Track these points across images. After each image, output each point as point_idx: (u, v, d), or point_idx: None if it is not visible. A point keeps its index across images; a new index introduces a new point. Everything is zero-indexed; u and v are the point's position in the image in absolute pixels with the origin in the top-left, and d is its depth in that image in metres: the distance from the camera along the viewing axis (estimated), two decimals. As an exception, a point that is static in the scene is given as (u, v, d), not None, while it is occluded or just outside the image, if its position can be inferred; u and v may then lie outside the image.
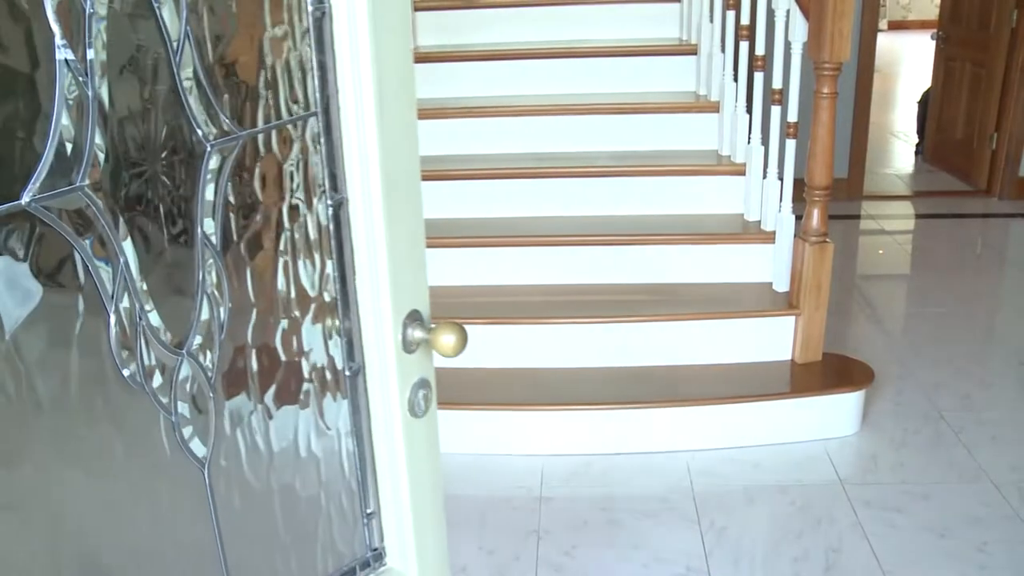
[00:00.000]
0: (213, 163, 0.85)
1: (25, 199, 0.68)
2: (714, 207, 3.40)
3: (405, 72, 0.97)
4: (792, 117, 2.98)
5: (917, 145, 6.89)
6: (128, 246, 0.77)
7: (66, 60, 0.69)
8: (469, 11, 3.97)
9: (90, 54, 0.71)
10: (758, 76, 3.23)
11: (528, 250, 3.23)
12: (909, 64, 11.58)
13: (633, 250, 3.21)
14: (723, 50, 3.46)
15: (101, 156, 0.73)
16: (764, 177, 3.23)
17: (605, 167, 3.40)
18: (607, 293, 3.18)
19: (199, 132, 0.83)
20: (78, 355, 0.75)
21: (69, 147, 0.71)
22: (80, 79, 0.71)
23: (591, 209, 3.40)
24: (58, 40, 0.69)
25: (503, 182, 3.41)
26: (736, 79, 3.36)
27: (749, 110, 3.31)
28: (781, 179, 3.12)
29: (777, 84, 3.09)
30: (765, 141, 3.23)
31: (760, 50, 3.22)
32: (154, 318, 0.82)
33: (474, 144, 3.57)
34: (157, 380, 0.83)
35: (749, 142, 3.29)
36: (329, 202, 0.98)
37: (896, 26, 14.68)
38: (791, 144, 3.02)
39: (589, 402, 2.88)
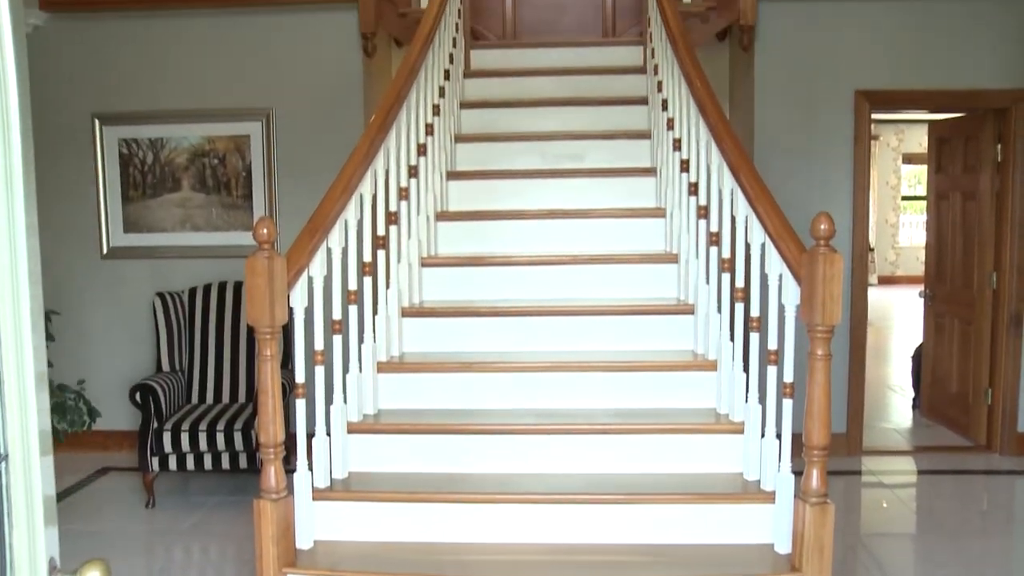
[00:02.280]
0: None
1: None
2: (713, 466, 3.39)
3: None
4: (788, 378, 3.03)
5: (914, 399, 6.95)
6: None
7: None
8: (474, 268, 4.13)
9: None
10: (754, 336, 3.31)
11: (524, 507, 3.19)
12: (901, 317, 11.87)
13: (631, 509, 3.16)
14: (719, 311, 3.57)
15: None
16: (762, 436, 3.23)
17: (604, 425, 3.41)
18: (604, 553, 3.10)
19: None
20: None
21: None
22: None
23: (589, 467, 3.39)
24: None
25: (502, 438, 3.41)
26: (732, 338, 3.44)
27: (746, 369, 3.37)
28: (779, 437, 3.13)
29: (772, 345, 3.17)
30: (762, 400, 3.26)
31: (755, 311, 3.33)
32: None
33: (475, 399, 3.60)
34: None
35: (747, 401, 3.33)
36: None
37: (886, 281, 15.20)
38: (788, 403, 3.05)
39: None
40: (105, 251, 5.80)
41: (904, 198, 15.85)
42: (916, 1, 5.44)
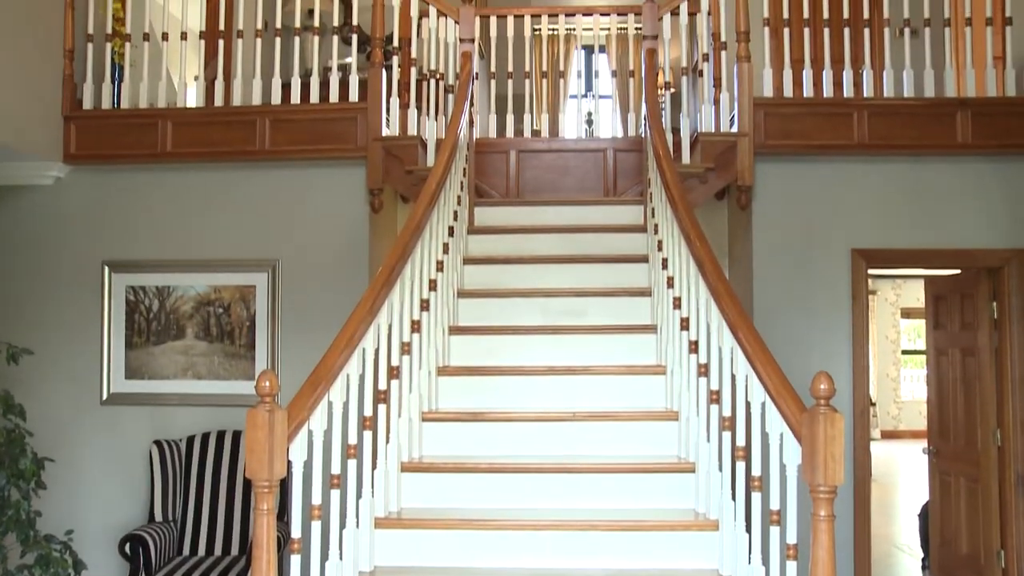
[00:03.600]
0: None
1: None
2: (718, 631, 3.29)
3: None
4: (791, 539, 2.98)
5: (923, 559, 6.79)
6: None
7: None
8: (474, 424, 4.13)
9: None
10: (756, 495, 3.27)
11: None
12: (906, 473, 11.71)
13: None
14: (720, 469, 3.55)
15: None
16: (768, 600, 3.16)
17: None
18: None
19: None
20: None
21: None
22: None
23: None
24: None
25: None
26: (734, 497, 3.40)
27: (748, 529, 3.32)
28: (785, 602, 3.05)
29: (775, 505, 3.13)
30: (766, 562, 3.20)
31: (757, 470, 3.30)
32: None
33: (474, 557, 3.54)
34: None
35: (750, 562, 3.26)
36: None
37: (889, 435, 15.06)
38: (792, 566, 2.98)
39: None
40: (105, 397, 5.79)
41: (904, 352, 15.90)
42: (907, 163, 5.61)
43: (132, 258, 5.84)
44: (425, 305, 4.14)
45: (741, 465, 3.36)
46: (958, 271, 6.27)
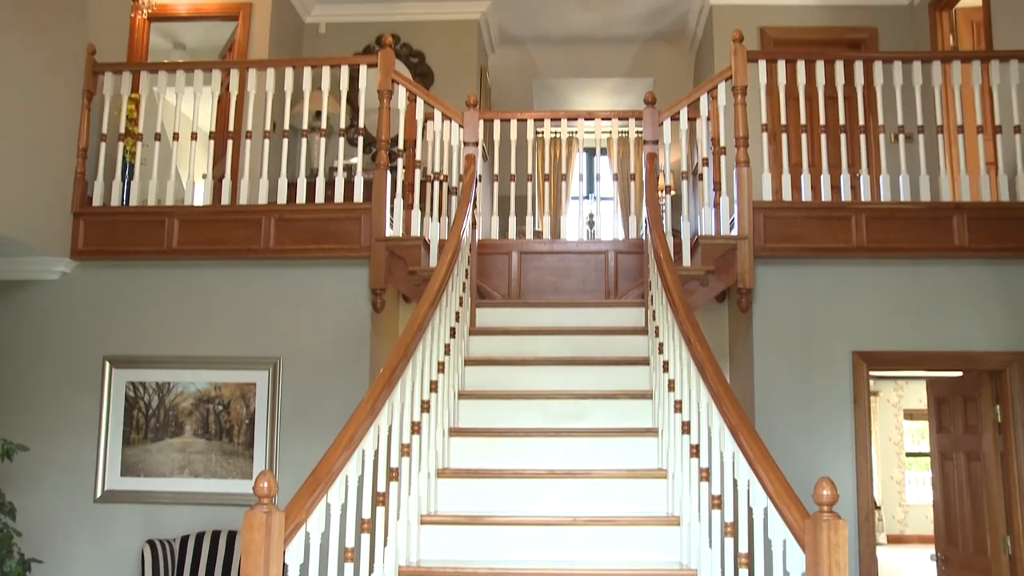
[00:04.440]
0: None
1: None
2: None
3: None
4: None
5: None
6: None
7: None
8: (473, 527, 4.07)
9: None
10: (760, 605, 3.21)
11: None
12: (913, 580, 11.46)
13: None
14: (723, 576, 3.49)
15: None
16: None
17: None
18: None
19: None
20: None
21: None
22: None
23: None
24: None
25: None
26: (738, 607, 3.34)
27: (754, 641, 3.25)
28: None
29: (779, 617, 3.06)
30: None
31: (760, 579, 3.24)
32: None
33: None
34: None
35: (756, 676, 3.18)
36: None
37: (895, 540, 14.80)
38: None
39: None
40: (99, 494, 5.71)
41: (908, 454, 15.72)
42: (906, 266, 5.66)
43: (134, 354, 5.84)
44: (426, 406, 4.13)
45: (744, 572, 3.30)
46: (960, 373, 6.25)
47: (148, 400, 5.82)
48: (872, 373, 5.75)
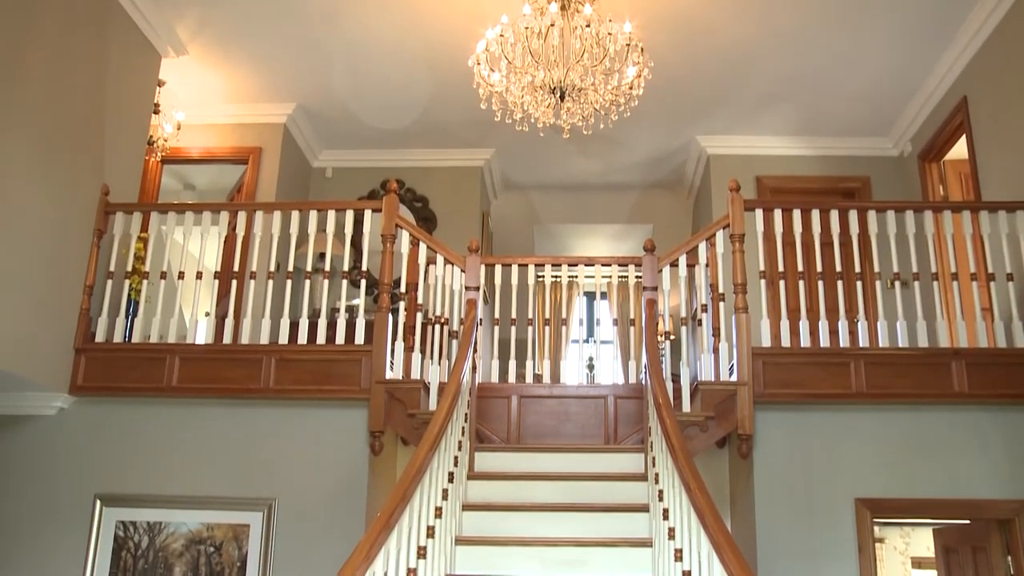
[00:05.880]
0: None
1: None
2: None
3: None
4: None
5: None
6: None
7: None
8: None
9: None
10: None
11: None
12: None
13: None
14: None
15: None
16: None
17: None
18: None
19: None
20: None
21: None
22: None
23: None
24: None
25: None
26: None
27: None
28: None
29: None
30: None
31: None
32: None
33: None
34: None
35: None
36: None
37: None
38: None
39: None
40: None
41: (918, 605, 15.21)
42: (906, 411, 5.63)
43: (126, 492, 5.75)
44: (422, 552, 4.04)
45: None
46: (967, 521, 6.14)
47: (138, 541, 5.69)
48: (876, 520, 5.64)
